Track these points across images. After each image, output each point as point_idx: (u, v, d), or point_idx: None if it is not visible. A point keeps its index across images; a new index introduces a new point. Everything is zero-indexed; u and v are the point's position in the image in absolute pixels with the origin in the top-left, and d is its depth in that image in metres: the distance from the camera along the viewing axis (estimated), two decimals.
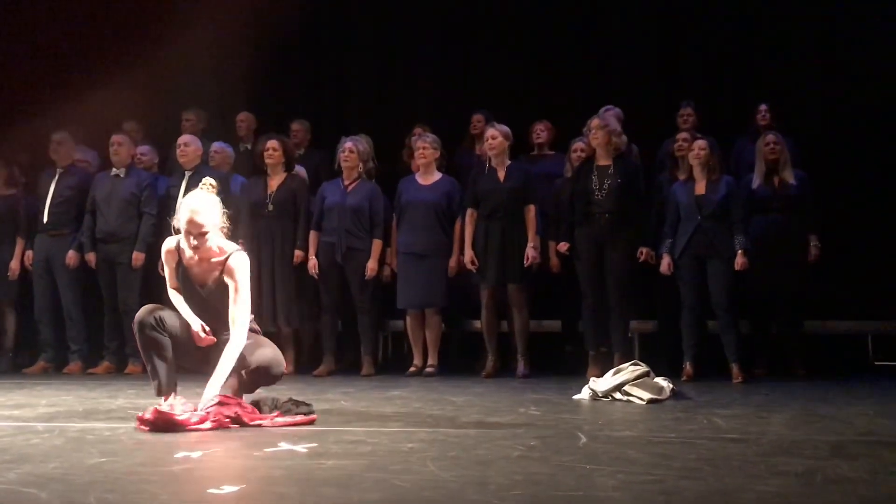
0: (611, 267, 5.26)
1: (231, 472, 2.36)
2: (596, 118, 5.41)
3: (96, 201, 5.99)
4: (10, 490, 2.10)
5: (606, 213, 5.26)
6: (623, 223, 5.26)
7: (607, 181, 5.27)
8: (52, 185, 6.09)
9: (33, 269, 6.11)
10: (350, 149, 5.76)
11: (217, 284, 3.43)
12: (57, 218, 6.05)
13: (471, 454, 2.57)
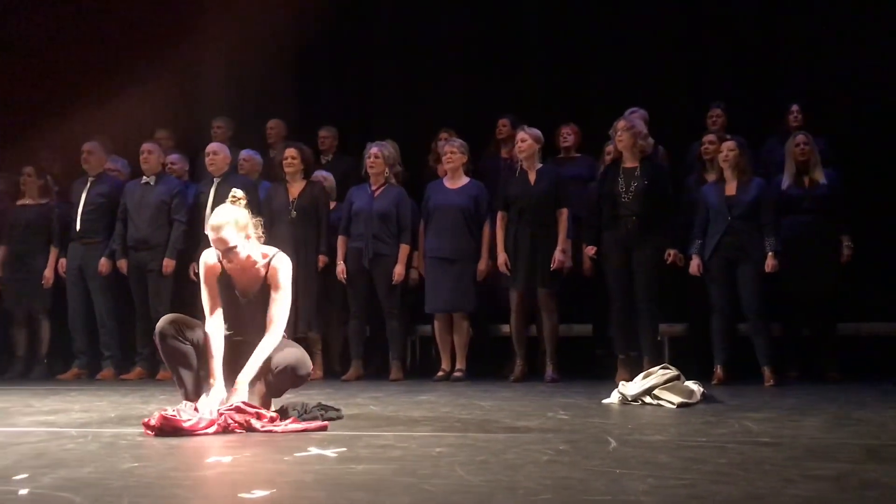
0: (638, 270, 5.23)
1: (261, 476, 2.37)
2: (622, 120, 5.39)
3: (127, 209, 6.08)
4: (45, 494, 2.13)
5: (633, 216, 5.23)
6: (650, 225, 5.22)
7: (634, 183, 5.24)
8: (83, 193, 6.19)
9: (67, 276, 6.20)
10: (376, 154, 5.79)
11: (260, 291, 3.46)
12: (89, 226, 6.13)
13: (500, 459, 2.57)
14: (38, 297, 6.29)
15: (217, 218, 3.33)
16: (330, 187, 6.18)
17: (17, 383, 5.87)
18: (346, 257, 5.78)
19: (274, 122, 6.99)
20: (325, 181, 6.16)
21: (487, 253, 5.64)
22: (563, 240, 5.45)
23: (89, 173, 6.25)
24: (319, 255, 5.76)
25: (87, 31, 7.38)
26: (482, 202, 5.73)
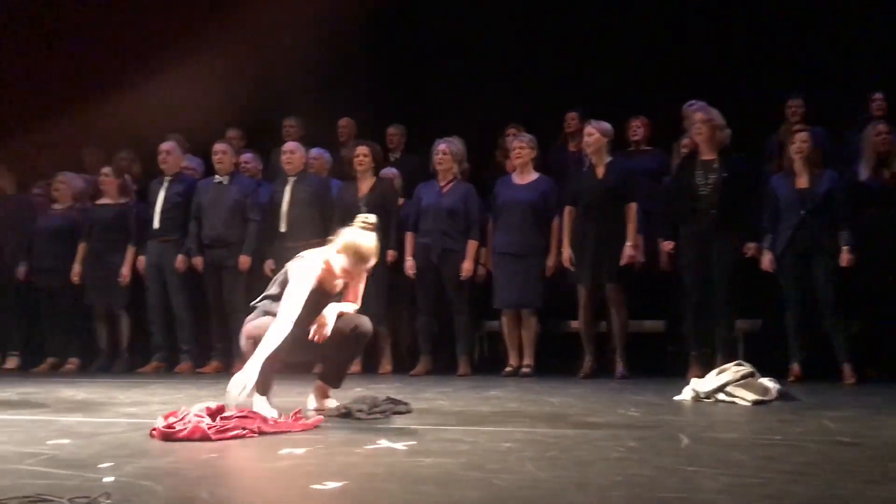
0: (717, 265, 5.11)
1: (333, 468, 2.41)
2: (699, 112, 5.26)
3: (202, 208, 6.23)
4: (128, 483, 2.21)
5: (712, 210, 5.11)
6: (729, 219, 5.10)
7: (712, 176, 5.12)
8: (161, 192, 6.37)
9: (146, 273, 6.40)
10: (444, 151, 5.82)
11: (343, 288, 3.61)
12: (167, 224, 6.32)
13: (569, 455, 2.55)
14: (115, 294, 6.49)
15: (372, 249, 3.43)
16: (398, 184, 6.24)
17: (101, 376, 6.10)
18: (415, 253, 5.82)
19: (345, 121, 7.08)
20: (394, 178, 6.22)
21: (556, 248, 5.61)
22: (633, 234, 5.38)
23: (166, 173, 6.44)
24: (388, 251, 5.81)
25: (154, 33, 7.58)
26: (551, 197, 5.69)
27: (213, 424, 2.94)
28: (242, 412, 3.09)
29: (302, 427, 3.13)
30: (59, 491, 1.98)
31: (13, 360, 6.80)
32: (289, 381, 4.61)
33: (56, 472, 2.37)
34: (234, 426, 2.96)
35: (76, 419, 3.56)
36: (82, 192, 6.79)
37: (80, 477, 2.29)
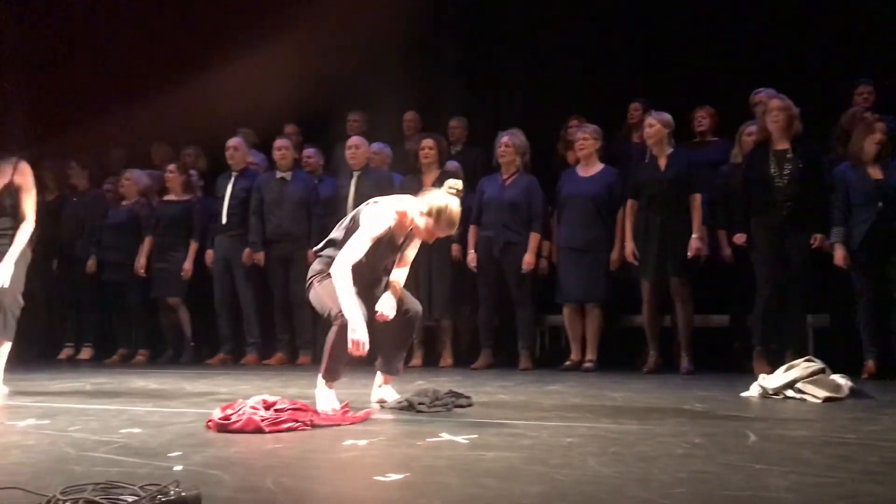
0: (793, 258, 4.96)
1: (395, 460, 2.43)
2: (777, 99, 5.11)
3: (265, 203, 6.33)
4: (197, 471, 2.26)
5: (788, 201, 4.96)
6: (805, 212, 4.96)
7: (788, 166, 4.98)
8: (228, 187, 6.50)
9: (213, 267, 6.54)
10: (506, 143, 5.80)
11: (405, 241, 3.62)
12: (235, 219, 6.45)
13: (632, 450, 2.52)
14: (175, 288, 6.64)
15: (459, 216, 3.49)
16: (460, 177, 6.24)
17: (169, 367, 6.26)
18: (478, 246, 5.82)
19: (410, 115, 7.11)
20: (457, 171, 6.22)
21: (620, 242, 5.54)
22: (699, 226, 5.28)
23: (233, 168, 6.56)
24: (453, 245, 5.82)
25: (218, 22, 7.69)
26: (616, 189, 5.62)
27: (266, 417, 2.99)
28: (296, 405, 3.14)
29: (351, 420, 3.17)
30: (131, 478, 2.03)
31: (87, 351, 7.03)
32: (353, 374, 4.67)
33: (128, 460, 2.44)
34: (287, 419, 3.01)
35: (147, 409, 3.67)
36: (148, 188, 6.97)
37: (150, 465, 2.35)
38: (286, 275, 6.30)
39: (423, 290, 5.84)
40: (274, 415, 3.02)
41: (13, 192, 4.52)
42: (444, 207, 3.42)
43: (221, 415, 3.04)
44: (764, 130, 5.12)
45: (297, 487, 2.08)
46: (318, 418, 3.11)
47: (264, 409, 3.05)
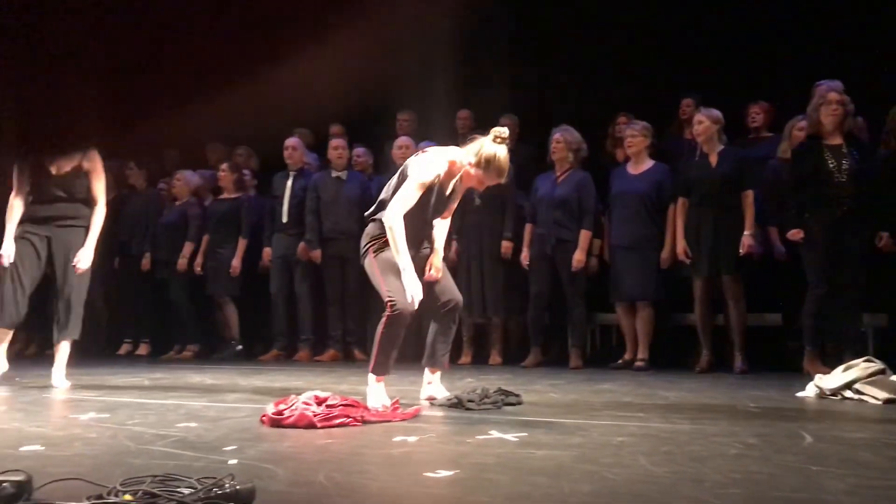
0: (850, 256, 4.84)
1: (445, 457, 2.45)
2: (832, 92, 4.98)
3: (321, 201, 6.41)
4: (251, 465, 2.31)
5: (847, 197, 4.84)
6: (864, 209, 4.83)
7: (845, 162, 4.85)
8: (287, 187, 6.60)
9: (272, 265, 6.62)
10: (557, 139, 5.78)
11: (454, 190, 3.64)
12: (295, 218, 6.55)
13: (684, 450, 2.50)
14: (225, 285, 6.75)
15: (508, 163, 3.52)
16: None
17: (224, 363, 6.38)
18: (531, 244, 5.81)
19: (464, 112, 7.10)
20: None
21: (672, 239, 5.47)
22: (751, 224, 5.19)
23: (291, 168, 6.65)
24: (503, 242, 5.82)
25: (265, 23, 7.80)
26: (666, 186, 5.56)
27: (318, 412, 3.03)
28: (347, 401, 3.18)
29: (401, 417, 3.19)
30: (188, 472, 2.08)
31: (144, 346, 7.20)
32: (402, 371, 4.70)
33: (184, 453, 2.50)
34: (339, 414, 3.05)
35: (202, 403, 3.74)
36: (199, 187, 7.10)
37: (206, 459, 2.40)
38: (341, 272, 6.38)
39: (475, 288, 5.85)
40: (326, 410, 3.06)
41: (82, 177, 4.67)
42: (492, 156, 3.45)
43: (275, 410, 3.09)
44: (817, 123, 4.97)
45: (348, 482, 2.11)
46: (368, 414, 3.14)
47: (316, 405, 3.09)
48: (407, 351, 5.39)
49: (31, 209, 4.66)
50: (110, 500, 1.83)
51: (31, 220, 4.64)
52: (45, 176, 4.63)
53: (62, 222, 4.64)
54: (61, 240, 4.63)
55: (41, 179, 4.63)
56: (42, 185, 4.63)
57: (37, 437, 2.87)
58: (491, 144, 3.47)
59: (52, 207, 4.63)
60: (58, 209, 4.64)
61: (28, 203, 4.67)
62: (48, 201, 4.63)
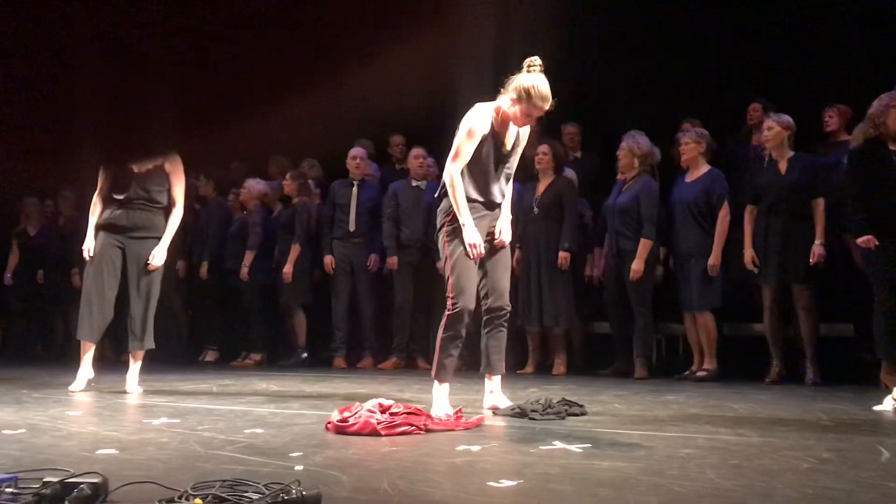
0: None
1: (508, 466, 2.44)
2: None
3: (401, 210, 6.46)
4: (316, 472, 2.34)
5: None
6: None
7: None
8: (353, 196, 6.68)
9: (336, 273, 6.70)
10: (622, 146, 5.73)
11: (515, 148, 3.65)
12: (362, 227, 6.64)
13: (753, 464, 2.44)
14: (295, 293, 6.84)
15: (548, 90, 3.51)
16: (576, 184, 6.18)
17: (289, 370, 6.47)
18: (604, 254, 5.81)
19: (573, 128, 7.04)
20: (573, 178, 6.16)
21: (719, 247, 5.35)
22: (821, 232, 5.03)
23: (356, 178, 6.74)
24: (560, 252, 5.78)
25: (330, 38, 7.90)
26: (714, 192, 5.42)
27: (382, 420, 3.05)
28: (410, 409, 3.19)
29: (465, 426, 3.19)
30: (255, 477, 2.12)
31: (213, 354, 7.36)
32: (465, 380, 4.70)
33: (252, 458, 2.55)
34: (402, 423, 3.07)
35: (269, 410, 3.81)
36: (267, 196, 7.22)
37: (273, 464, 2.45)
38: (411, 280, 6.43)
39: (537, 298, 5.82)
40: (389, 418, 3.08)
41: (163, 177, 4.82)
42: (530, 86, 3.48)
43: (339, 417, 3.13)
44: (881, 126, 4.76)
45: (412, 490, 2.12)
46: (431, 423, 3.16)
47: (380, 413, 3.12)
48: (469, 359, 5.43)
49: (110, 214, 4.82)
50: (181, 503, 1.88)
51: (109, 229, 4.80)
52: (126, 174, 4.79)
53: (137, 233, 4.79)
54: (135, 251, 4.78)
55: (123, 177, 4.79)
56: (123, 184, 4.79)
57: (112, 440, 2.96)
58: (526, 75, 3.51)
59: (130, 214, 4.78)
60: (135, 217, 4.78)
61: (108, 201, 4.84)
62: (127, 202, 4.78)
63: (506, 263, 3.75)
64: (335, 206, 6.74)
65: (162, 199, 4.85)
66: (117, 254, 4.78)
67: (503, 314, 3.73)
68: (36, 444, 2.88)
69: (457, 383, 3.66)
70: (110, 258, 4.77)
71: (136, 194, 4.79)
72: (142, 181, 4.79)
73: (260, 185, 7.21)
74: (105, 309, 4.75)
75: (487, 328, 3.76)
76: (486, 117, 3.57)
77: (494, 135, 3.58)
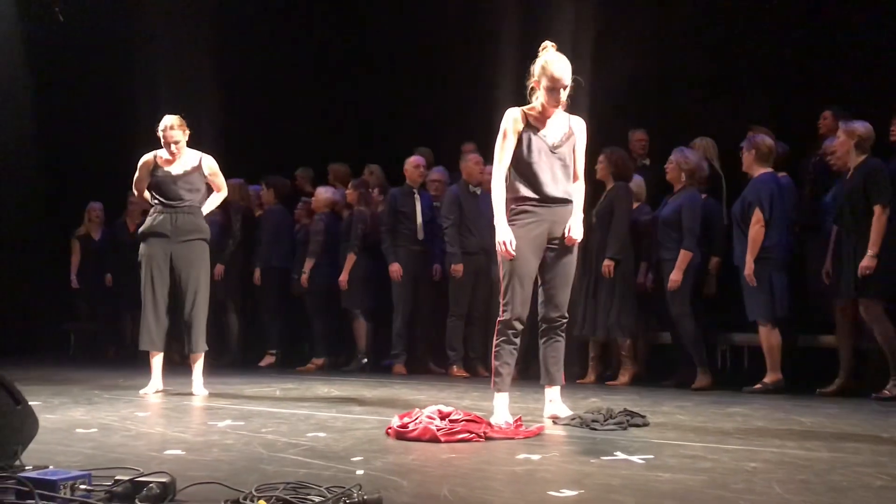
0: None
1: (569, 476, 2.42)
2: None
3: (464, 216, 6.45)
4: (377, 476, 2.36)
5: None
6: None
7: None
8: (416, 205, 6.72)
9: (402, 280, 6.72)
10: (669, 160, 5.66)
11: (567, 139, 3.66)
12: (428, 235, 6.68)
13: (823, 479, 2.37)
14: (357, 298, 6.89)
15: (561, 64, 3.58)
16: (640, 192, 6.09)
17: (350, 375, 6.53)
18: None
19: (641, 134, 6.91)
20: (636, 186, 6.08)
21: (751, 257, 5.20)
22: (875, 242, 4.82)
23: (415, 185, 6.77)
24: (605, 261, 5.69)
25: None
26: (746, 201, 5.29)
27: (441, 427, 3.07)
28: (470, 416, 3.20)
29: (524, 434, 3.18)
30: (317, 480, 2.16)
31: (275, 357, 7.46)
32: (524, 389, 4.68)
33: (314, 462, 2.59)
34: (462, 430, 3.07)
35: (330, 414, 3.86)
36: (336, 205, 7.30)
37: (334, 468, 2.48)
38: (472, 288, 6.43)
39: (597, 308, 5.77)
40: (449, 425, 3.09)
41: (201, 180, 4.99)
42: (543, 64, 3.58)
43: (399, 423, 3.15)
44: None
45: (472, 497, 2.12)
46: (491, 431, 3.15)
47: (440, 419, 3.13)
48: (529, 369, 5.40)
49: (153, 220, 4.95)
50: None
51: (155, 235, 4.92)
52: (167, 178, 4.92)
53: (183, 237, 4.90)
54: (182, 255, 4.90)
55: (163, 182, 4.92)
56: (164, 188, 4.93)
57: (178, 441, 3.04)
58: (539, 59, 3.60)
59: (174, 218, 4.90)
60: (178, 221, 4.89)
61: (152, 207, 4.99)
62: (169, 206, 4.90)
63: (566, 273, 3.71)
64: (397, 214, 6.77)
65: (202, 201, 4.99)
66: (165, 259, 4.90)
67: (558, 324, 3.71)
68: (107, 444, 2.98)
69: (516, 392, 3.65)
70: (158, 265, 4.89)
71: (177, 198, 4.91)
72: (182, 184, 4.92)
73: (328, 193, 7.30)
74: (161, 316, 4.88)
75: (544, 338, 3.74)
76: (515, 116, 3.64)
77: (533, 129, 3.62)
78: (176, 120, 4.96)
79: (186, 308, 4.88)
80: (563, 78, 3.55)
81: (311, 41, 8.54)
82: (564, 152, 3.66)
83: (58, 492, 2.00)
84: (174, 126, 4.93)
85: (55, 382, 5.51)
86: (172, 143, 4.91)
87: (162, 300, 4.89)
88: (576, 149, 3.71)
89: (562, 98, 3.59)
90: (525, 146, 3.61)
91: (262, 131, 8.17)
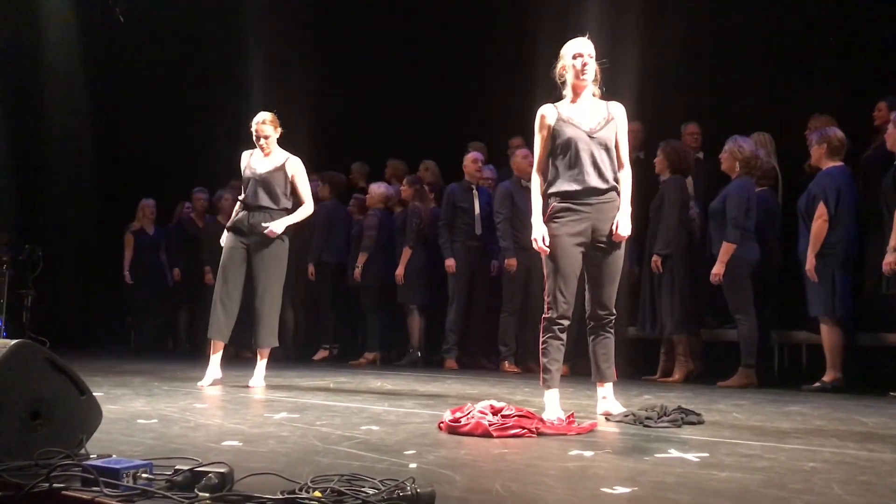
0: None
1: (622, 473, 2.41)
2: None
3: (516, 211, 6.44)
4: (430, 470, 2.38)
5: None
6: None
7: None
8: (475, 200, 6.74)
9: (457, 275, 6.75)
10: (724, 150, 5.54)
11: (607, 124, 3.60)
12: (486, 230, 6.71)
13: (885, 481, 2.31)
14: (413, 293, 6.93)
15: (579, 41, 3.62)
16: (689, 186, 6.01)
17: (404, 369, 6.58)
18: None
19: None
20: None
21: (812, 252, 5.05)
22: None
23: (472, 181, 6.79)
24: (653, 256, 5.61)
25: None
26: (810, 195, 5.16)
27: (493, 422, 3.07)
28: (522, 411, 3.19)
29: (577, 430, 3.16)
30: (371, 473, 2.18)
31: (329, 351, 7.55)
32: (577, 385, 4.66)
33: (368, 455, 2.62)
34: (514, 425, 3.07)
35: (384, 408, 3.89)
36: (389, 199, 7.35)
37: (388, 461, 2.50)
38: (525, 283, 6.42)
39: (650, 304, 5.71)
40: (501, 420, 3.09)
41: (284, 180, 5.03)
42: (563, 48, 3.62)
43: (451, 417, 3.17)
44: None
45: (524, 493, 2.12)
46: (543, 426, 3.15)
47: (492, 414, 3.14)
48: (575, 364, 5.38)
49: (235, 216, 5.09)
50: (301, 495, 1.95)
51: (234, 231, 5.03)
52: (249, 177, 5.03)
53: (258, 235, 4.98)
54: (258, 252, 4.98)
55: (247, 181, 5.04)
56: (246, 187, 5.05)
57: (236, 433, 3.10)
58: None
59: (252, 216, 4.99)
60: (255, 219, 4.98)
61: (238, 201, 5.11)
62: (249, 205, 5.00)
63: (612, 270, 3.63)
64: (455, 209, 6.79)
65: (282, 202, 5.04)
66: (242, 255, 5.00)
67: (606, 321, 3.66)
68: (167, 434, 3.05)
69: (568, 388, 3.64)
70: (235, 259, 4.99)
71: (256, 197, 4.99)
72: (263, 184, 4.99)
73: (381, 189, 7.35)
74: (231, 309, 4.98)
75: (592, 335, 3.71)
76: (543, 112, 3.65)
77: (566, 119, 3.60)
78: (269, 115, 5.07)
79: (263, 303, 4.97)
80: (579, 48, 3.57)
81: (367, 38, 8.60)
82: (605, 136, 3.58)
83: (121, 480, 2.06)
84: (266, 121, 5.03)
85: (116, 374, 5.66)
86: (262, 136, 5.01)
87: (235, 294, 4.99)
88: (618, 134, 3.62)
89: (588, 73, 3.57)
90: (561, 137, 3.58)
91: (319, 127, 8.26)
